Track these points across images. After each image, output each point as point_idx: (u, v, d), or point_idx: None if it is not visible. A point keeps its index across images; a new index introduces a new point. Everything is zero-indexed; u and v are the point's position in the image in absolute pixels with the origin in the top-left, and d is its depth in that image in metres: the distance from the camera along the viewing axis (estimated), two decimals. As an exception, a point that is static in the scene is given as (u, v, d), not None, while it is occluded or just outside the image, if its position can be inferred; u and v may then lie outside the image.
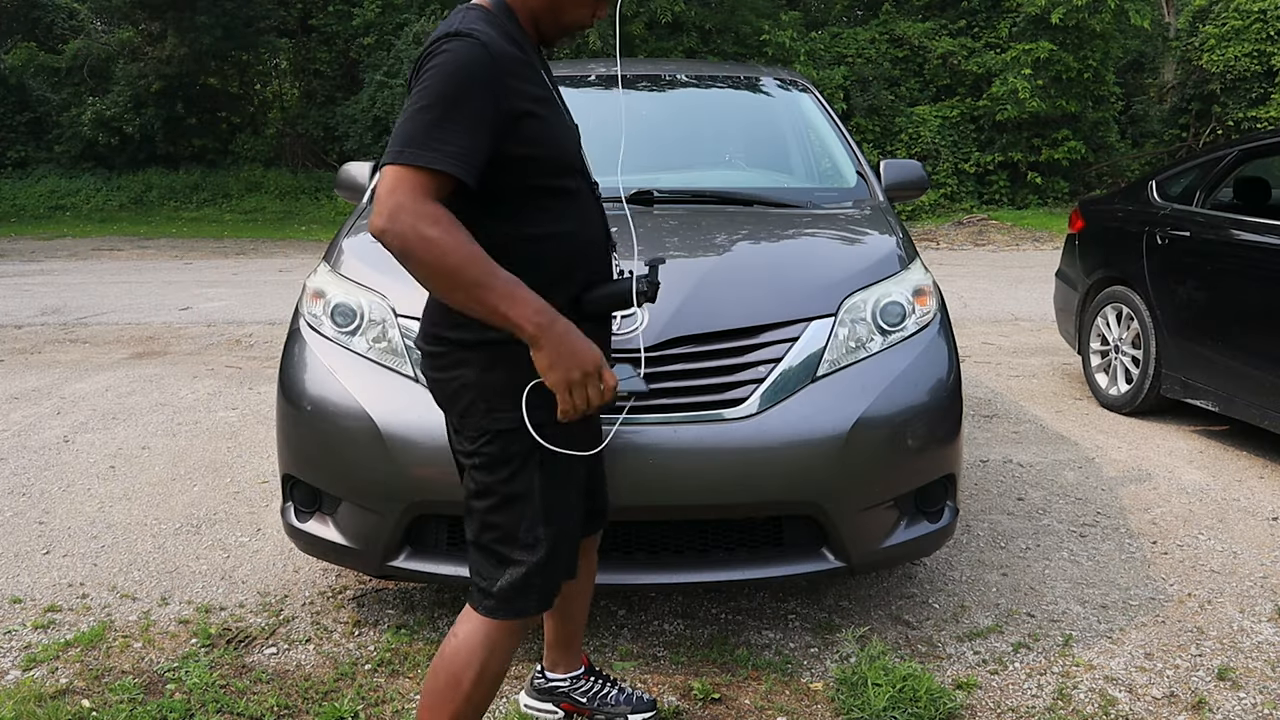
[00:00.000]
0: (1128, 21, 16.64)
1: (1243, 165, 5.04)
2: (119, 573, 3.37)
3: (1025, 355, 6.74)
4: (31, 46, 19.13)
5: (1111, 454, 4.61)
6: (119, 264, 11.87)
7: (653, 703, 2.49)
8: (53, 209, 17.11)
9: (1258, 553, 3.53)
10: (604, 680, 2.50)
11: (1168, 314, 4.93)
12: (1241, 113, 17.58)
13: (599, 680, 2.49)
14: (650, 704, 2.48)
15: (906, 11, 18.59)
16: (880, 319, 2.81)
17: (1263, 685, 2.68)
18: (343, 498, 2.74)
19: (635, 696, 2.48)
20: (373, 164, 3.82)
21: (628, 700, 2.47)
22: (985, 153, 17.34)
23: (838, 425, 2.61)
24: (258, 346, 7.11)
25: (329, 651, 2.85)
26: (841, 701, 2.56)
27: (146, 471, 4.37)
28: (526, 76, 1.79)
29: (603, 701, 2.46)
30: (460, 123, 1.68)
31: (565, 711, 2.49)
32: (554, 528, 1.89)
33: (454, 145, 1.67)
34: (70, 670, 2.74)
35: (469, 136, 1.68)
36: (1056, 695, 2.63)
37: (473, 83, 1.69)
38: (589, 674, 2.49)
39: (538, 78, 1.84)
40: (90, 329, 7.74)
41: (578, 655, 2.48)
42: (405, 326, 2.73)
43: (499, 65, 1.72)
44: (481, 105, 1.70)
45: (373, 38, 18.26)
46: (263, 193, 18.02)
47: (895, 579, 3.29)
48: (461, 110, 1.68)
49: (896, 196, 3.64)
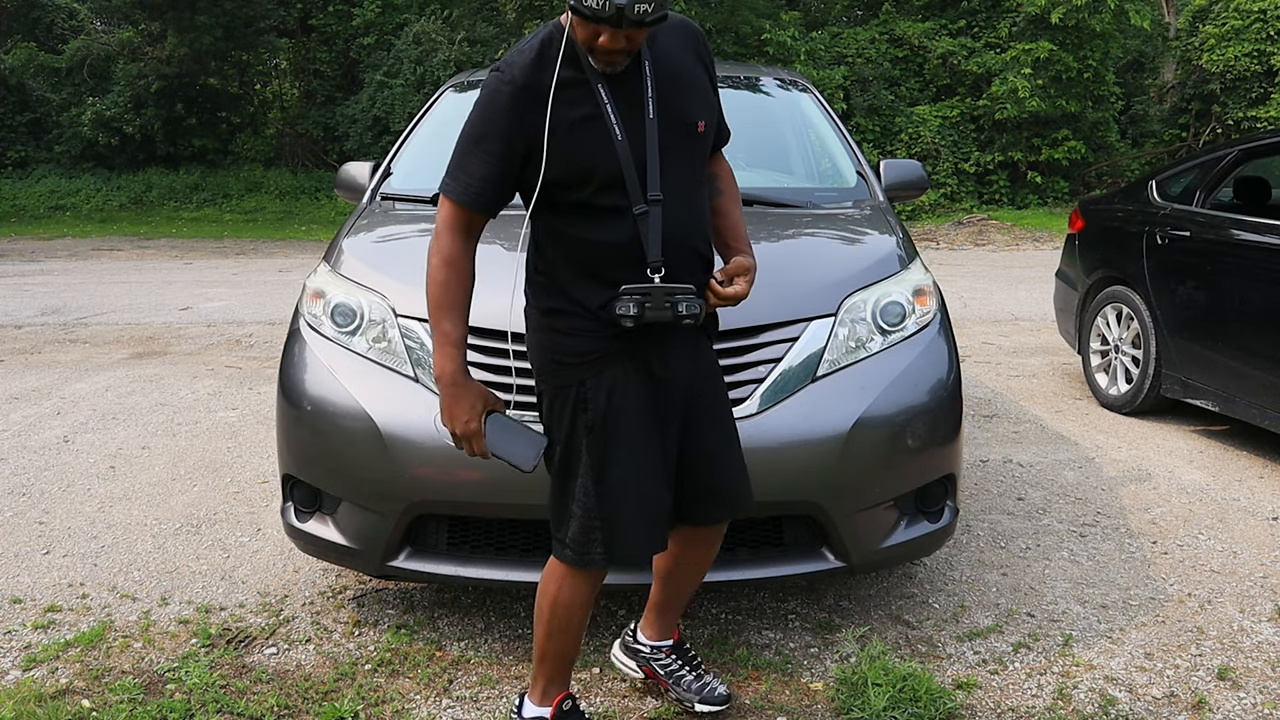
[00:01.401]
0: (1128, 21, 16.63)
1: (1243, 165, 5.04)
2: (119, 573, 3.37)
3: (1025, 355, 6.74)
4: (31, 46, 19.12)
5: (1111, 454, 4.61)
6: (119, 264, 11.87)
7: (725, 697, 2.49)
8: (53, 209, 17.11)
9: (1258, 553, 3.53)
10: (686, 661, 2.52)
11: (1168, 314, 4.93)
12: (1241, 113, 17.57)
13: (680, 659, 2.52)
14: (722, 698, 2.48)
15: (906, 11, 18.58)
16: (880, 319, 2.81)
17: (1263, 685, 2.68)
18: (343, 498, 2.74)
19: (708, 686, 2.49)
20: (372, 164, 3.82)
21: (700, 689, 2.48)
22: (985, 153, 17.33)
23: (838, 425, 2.61)
24: (258, 346, 7.11)
25: (329, 651, 2.85)
26: (841, 701, 2.56)
27: (146, 471, 4.37)
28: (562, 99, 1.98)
29: (676, 680, 2.50)
30: (479, 156, 2.02)
31: (645, 675, 2.55)
32: (606, 490, 2.08)
33: (470, 178, 2.03)
34: (70, 670, 2.74)
35: (484, 167, 2.01)
36: (1056, 695, 2.63)
37: (494, 118, 2.00)
38: (674, 650, 2.53)
39: (579, 97, 2.00)
40: (90, 329, 7.74)
41: (669, 628, 2.53)
42: (405, 326, 2.74)
43: (519, 99, 1.98)
44: (498, 140, 2.00)
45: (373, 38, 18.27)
46: (263, 193, 18.02)
47: (895, 579, 3.29)
48: (481, 146, 2.02)
49: (896, 196, 3.64)
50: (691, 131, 2.09)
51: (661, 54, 2.08)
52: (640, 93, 2.03)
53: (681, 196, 2.08)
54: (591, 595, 2.22)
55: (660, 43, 2.09)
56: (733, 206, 2.30)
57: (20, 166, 18.79)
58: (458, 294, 2.06)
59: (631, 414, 2.09)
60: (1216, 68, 17.56)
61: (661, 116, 2.05)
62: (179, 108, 18.42)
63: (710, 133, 2.15)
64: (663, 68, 2.07)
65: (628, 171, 2.01)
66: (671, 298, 2.01)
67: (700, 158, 2.15)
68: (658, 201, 2.03)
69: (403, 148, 3.86)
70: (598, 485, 2.09)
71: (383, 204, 3.58)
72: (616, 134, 2.01)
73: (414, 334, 2.72)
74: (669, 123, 2.06)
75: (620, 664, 2.61)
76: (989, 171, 17.41)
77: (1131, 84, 19.05)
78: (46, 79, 18.69)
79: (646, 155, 2.03)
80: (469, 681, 2.69)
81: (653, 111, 2.04)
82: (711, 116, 2.15)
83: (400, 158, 3.81)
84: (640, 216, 2.02)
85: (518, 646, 2.87)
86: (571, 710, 2.33)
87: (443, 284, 2.05)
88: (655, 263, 2.03)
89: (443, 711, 2.55)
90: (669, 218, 2.04)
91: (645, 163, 2.03)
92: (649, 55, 2.05)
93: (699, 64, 2.15)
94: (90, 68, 18.27)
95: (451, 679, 2.70)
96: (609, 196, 2.02)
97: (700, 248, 2.13)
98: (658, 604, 2.51)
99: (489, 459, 2.08)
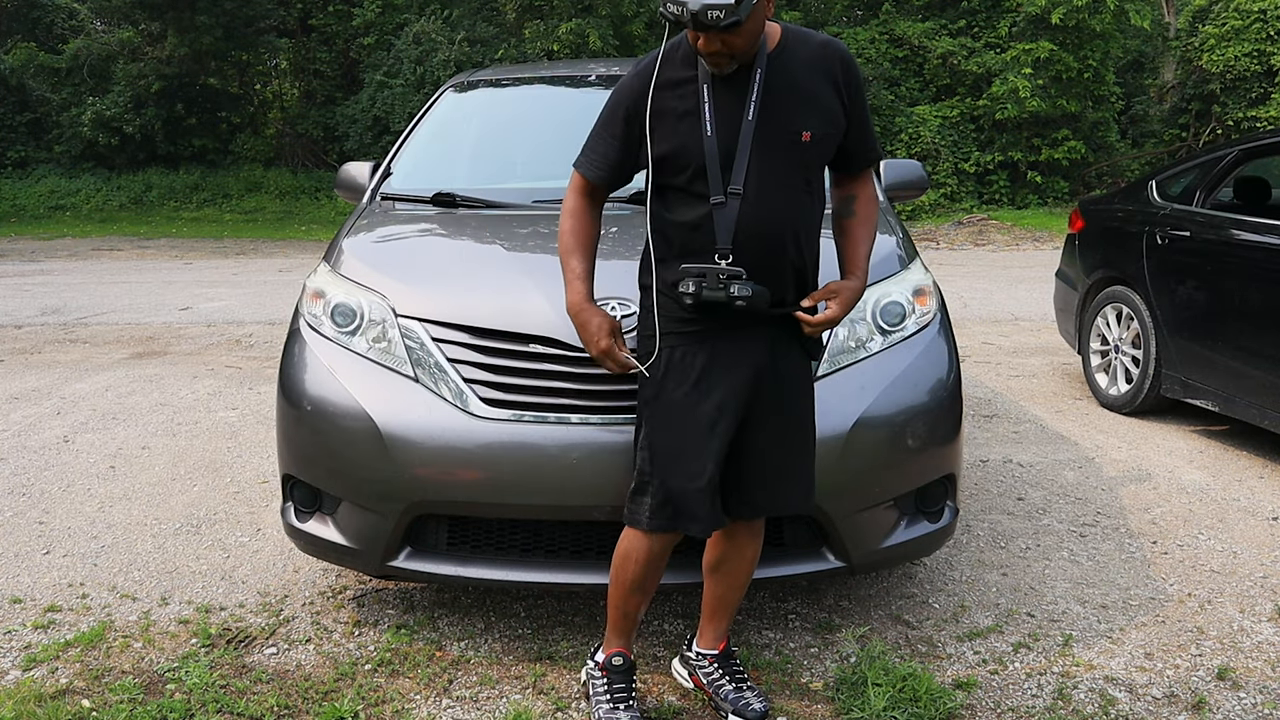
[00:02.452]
0: (1128, 21, 16.63)
1: (1243, 165, 5.03)
2: (119, 573, 3.37)
3: (1025, 355, 6.74)
4: (31, 46, 19.11)
5: (1111, 454, 4.61)
6: (119, 264, 11.88)
7: (761, 714, 2.46)
8: (53, 209, 17.12)
9: (1258, 553, 3.53)
10: (728, 672, 2.54)
11: (1168, 314, 4.93)
12: (1241, 113, 17.57)
13: (723, 670, 2.54)
14: (756, 714, 2.46)
15: (906, 11, 18.59)
16: (880, 319, 2.81)
17: (1263, 685, 2.68)
18: (343, 498, 2.74)
19: (744, 701, 2.48)
20: (372, 164, 3.82)
21: (736, 701, 2.48)
22: (985, 152, 17.33)
23: (837, 425, 2.61)
24: (258, 346, 7.11)
25: (329, 651, 2.85)
26: (841, 701, 2.56)
27: (146, 471, 4.37)
28: (673, 94, 2.23)
29: (716, 690, 2.52)
30: (604, 137, 2.34)
31: (694, 684, 2.59)
32: (657, 459, 2.27)
33: (594, 154, 2.36)
34: (70, 670, 2.74)
35: (604, 145, 2.34)
36: (1056, 695, 2.63)
37: (616, 105, 2.31)
38: (719, 659, 2.55)
39: (687, 93, 2.23)
40: (90, 329, 7.74)
41: (716, 637, 2.56)
42: (405, 327, 2.73)
43: (637, 91, 2.25)
44: (618, 122, 2.31)
45: (373, 38, 18.27)
46: (263, 193, 18.02)
47: (895, 579, 3.29)
48: (606, 129, 2.34)
49: (896, 196, 3.64)
50: (795, 139, 2.22)
51: (782, 66, 2.23)
52: (744, 96, 2.20)
53: (768, 195, 2.21)
54: (648, 556, 2.35)
55: (786, 56, 2.24)
56: (860, 229, 2.41)
57: (20, 166, 18.79)
58: (581, 238, 2.35)
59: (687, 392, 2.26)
60: (1216, 68, 17.56)
61: (761, 120, 2.20)
62: (179, 108, 18.43)
63: (822, 145, 2.26)
64: (779, 78, 2.22)
65: (710, 163, 2.19)
66: (726, 280, 2.16)
67: (805, 165, 2.25)
68: (737, 195, 2.20)
69: (403, 148, 3.86)
70: (649, 453, 2.29)
71: (383, 204, 3.58)
72: (707, 129, 2.20)
73: (414, 334, 2.72)
74: (771, 127, 2.20)
75: (676, 673, 2.68)
76: (989, 171, 17.41)
77: (1131, 84, 19.06)
78: (46, 79, 18.69)
79: (737, 152, 2.19)
80: (469, 681, 2.69)
81: (752, 114, 2.19)
82: (826, 130, 2.25)
83: (400, 158, 3.81)
84: (716, 206, 2.20)
85: (518, 646, 2.87)
86: (621, 666, 2.48)
87: (569, 231, 2.35)
88: (722, 249, 2.20)
89: (443, 711, 2.55)
90: (747, 212, 2.20)
91: (734, 158, 2.19)
92: (764, 64, 2.21)
93: (828, 82, 2.26)
94: (90, 68, 18.27)
95: (451, 679, 2.70)
96: (698, 185, 2.22)
97: (785, 248, 2.24)
98: (707, 609, 2.58)
99: (630, 371, 2.30)
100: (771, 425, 2.33)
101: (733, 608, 2.56)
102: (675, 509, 2.28)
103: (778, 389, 2.32)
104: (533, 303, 2.66)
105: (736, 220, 2.19)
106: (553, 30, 16.38)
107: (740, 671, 2.56)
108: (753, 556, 2.50)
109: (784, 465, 2.36)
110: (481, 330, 2.66)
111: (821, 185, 2.33)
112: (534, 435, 2.55)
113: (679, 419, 2.27)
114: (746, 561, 2.50)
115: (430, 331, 2.70)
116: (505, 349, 2.64)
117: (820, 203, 2.33)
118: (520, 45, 17.34)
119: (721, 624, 2.57)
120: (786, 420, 2.35)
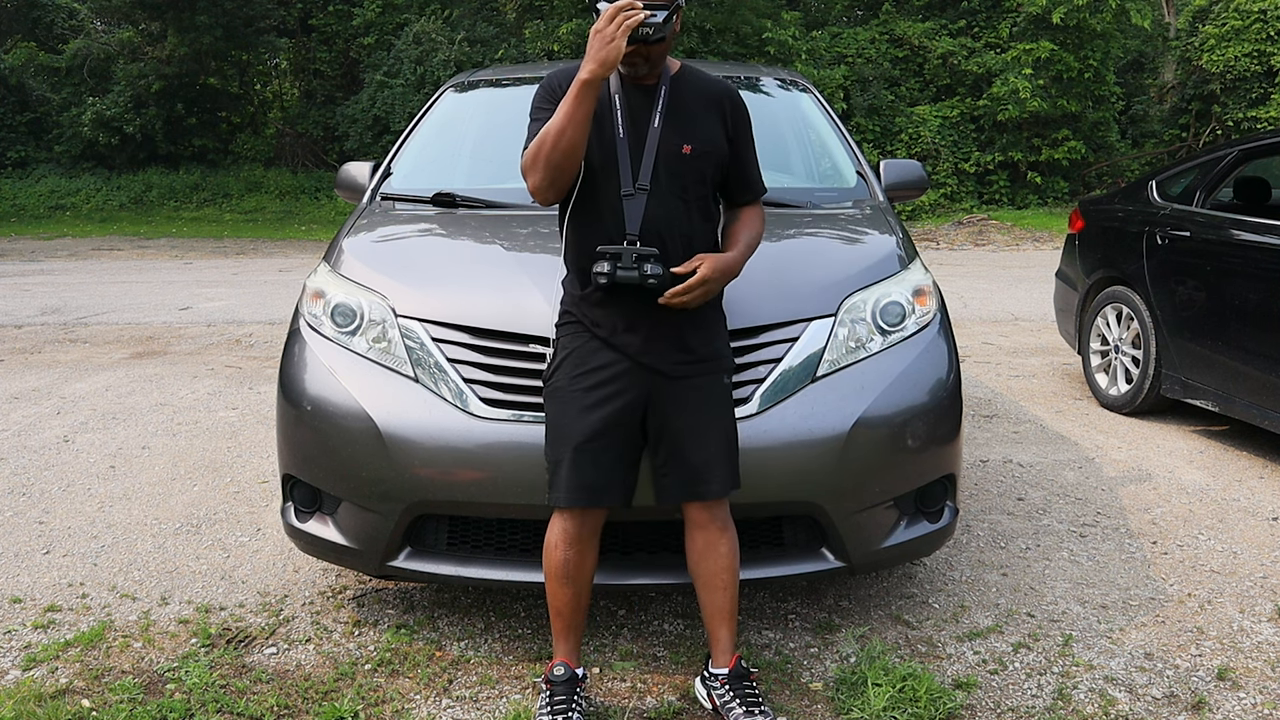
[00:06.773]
0: (1128, 21, 16.63)
1: (1243, 165, 5.04)
2: (119, 573, 3.37)
3: (1025, 355, 6.74)
4: (31, 46, 19.12)
5: (1111, 454, 4.61)
6: (119, 264, 11.88)
7: None
8: (53, 209, 17.12)
9: (1258, 553, 3.53)
10: (738, 693, 2.46)
11: (1168, 314, 4.93)
12: (1241, 113, 17.57)
13: (734, 691, 2.47)
14: None
15: (906, 11, 18.58)
16: (880, 319, 2.81)
17: (1263, 685, 2.68)
18: (343, 498, 2.74)
19: None
20: (373, 164, 3.82)
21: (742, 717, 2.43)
22: (985, 153, 17.33)
23: (837, 425, 2.61)
24: (258, 346, 7.12)
25: (329, 651, 2.85)
26: (841, 701, 2.56)
27: (146, 471, 4.37)
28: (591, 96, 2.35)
29: (728, 711, 2.46)
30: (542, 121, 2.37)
31: (713, 706, 2.53)
32: (551, 437, 2.43)
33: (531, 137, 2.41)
34: (70, 670, 2.75)
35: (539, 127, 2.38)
36: (1056, 695, 2.63)
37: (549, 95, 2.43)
38: (730, 680, 2.48)
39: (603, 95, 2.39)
40: (90, 329, 7.74)
41: (722, 654, 2.51)
42: (405, 327, 2.74)
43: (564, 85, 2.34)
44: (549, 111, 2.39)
45: (373, 38, 18.27)
46: (263, 193, 18.02)
47: (895, 579, 3.29)
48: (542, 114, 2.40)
49: (896, 196, 3.64)
50: (678, 150, 2.41)
51: (680, 89, 2.45)
52: (650, 108, 2.41)
53: (664, 196, 2.39)
54: (565, 538, 2.41)
55: (684, 83, 2.47)
56: (741, 229, 2.53)
57: (20, 166, 18.78)
58: None
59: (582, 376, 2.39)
60: (1216, 68, 17.57)
61: (664, 131, 2.40)
62: (179, 107, 18.42)
63: (700, 160, 2.42)
64: (676, 97, 2.44)
65: (622, 160, 2.37)
66: (638, 260, 2.30)
67: (683, 174, 2.41)
68: (644, 190, 2.37)
69: (403, 148, 3.86)
70: (549, 433, 2.44)
71: (383, 204, 3.58)
72: (620, 132, 2.39)
73: (414, 334, 2.72)
74: (666, 137, 2.41)
75: (698, 694, 2.60)
76: (989, 171, 17.41)
77: (1132, 84, 19.06)
78: (46, 79, 18.69)
79: (644, 153, 2.38)
80: (469, 681, 2.69)
81: (658, 122, 2.40)
82: (705, 148, 2.43)
83: (400, 158, 3.81)
84: (627, 198, 2.37)
85: (518, 646, 2.87)
86: (563, 677, 2.46)
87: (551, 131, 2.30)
88: (631, 236, 2.35)
89: (443, 711, 2.55)
90: (653, 205, 2.37)
91: (642, 159, 2.38)
92: (668, 83, 2.44)
93: (716, 111, 2.47)
94: (90, 68, 18.27)
95: (451, 679, 2.70)
96: (610, 178, 2.38)
97: (679, 247, 2.39)
98: (706, 621, 2.53)
99: None
100: (674, 415, 2.40)
101: (729, 614, 2.50)
102: (577, 480, 2.36)
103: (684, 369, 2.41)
104: (532, 303, 2.66)
105: (644, 212, 2.36)
106: (553, 30, 16.37)
107: (753, 694, 2.47)
108: (728, 553, 2.46)
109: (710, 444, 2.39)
110: (481, 330, 2.66)
111: (705, 202, 2.47)
112: (534, 435, 2.55)
113: (566, 399, 2.40)
114: (724, 558, 2.45)
115: (430, 331, 2.70)
116: (505, 349, 2.64)
117: (705, 219, 2.46)
118: (520, 45, 17.35)
119: (724, 635, 2.50)
120: (692, 410, 2.41)
